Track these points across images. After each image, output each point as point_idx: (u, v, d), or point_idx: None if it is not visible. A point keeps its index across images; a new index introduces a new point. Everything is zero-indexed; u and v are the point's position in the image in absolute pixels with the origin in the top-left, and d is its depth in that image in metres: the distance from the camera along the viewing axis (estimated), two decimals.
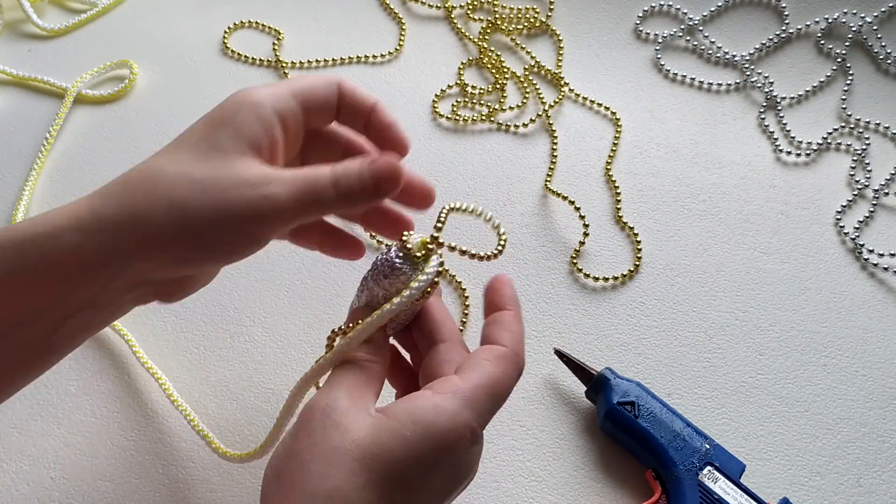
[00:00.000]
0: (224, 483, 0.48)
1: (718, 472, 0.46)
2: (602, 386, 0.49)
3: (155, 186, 0.35)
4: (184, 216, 0.34)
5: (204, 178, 0.35)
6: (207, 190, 0.34)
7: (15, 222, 0.58)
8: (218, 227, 0.35)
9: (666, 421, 0.48)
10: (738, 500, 0.45)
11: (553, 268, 0.57)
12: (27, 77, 0.66)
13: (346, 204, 0.36)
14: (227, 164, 0.35)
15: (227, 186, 0.34)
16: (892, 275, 0.57)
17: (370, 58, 0.69)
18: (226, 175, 0.35)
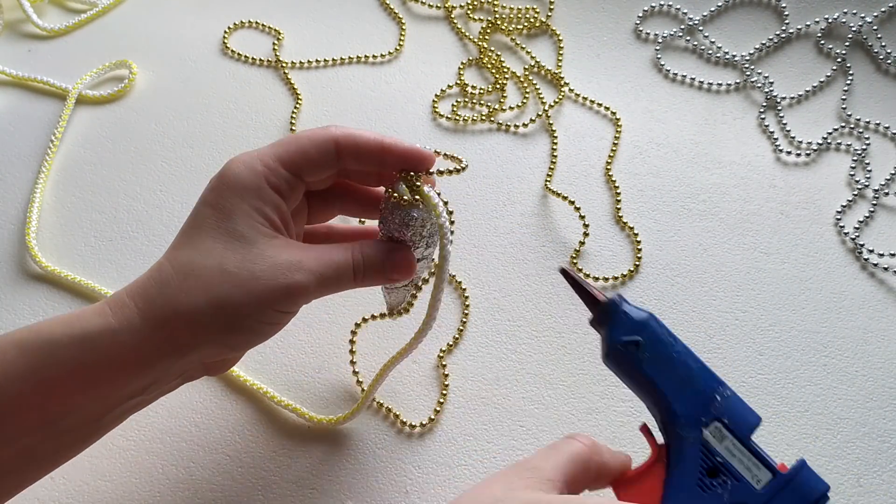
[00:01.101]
0: (224, 483, 0.48)
1: (726, 430, 0.39)
2: (608, 317, 0.41)
3: (193, 284, 0.37)
4: (226, 312, 0.37)
5: (238, 270, 0.37)
6: (244, 283, 0.37)
7: (30, 225, 0.58)
8: (257, 315, 0.38)
9: (675, 365, 0.41)
10: (744, 462, 0.39)
11: (553, 268, 0.57)
12: (27, 77, 0.66)
13: (360, 285, 0.41)
14: (255, 251, 0.38)
15: (260, 276, 0.37)
16: (892, 275, 0.57)
17: (370, 58, 0.69)
18: (256, 264, 0.38)
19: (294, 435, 0.50)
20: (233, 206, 0.38)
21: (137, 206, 0.60)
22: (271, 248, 0.38)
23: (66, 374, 0.37)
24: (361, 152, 0.40)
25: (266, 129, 0.64)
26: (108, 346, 0.37)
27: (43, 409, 0.37)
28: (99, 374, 0.37)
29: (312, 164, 0.40)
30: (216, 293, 0.37)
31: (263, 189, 0.39)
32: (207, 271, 0.37)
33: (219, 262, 0.37)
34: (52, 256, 0.57)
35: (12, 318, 0.54)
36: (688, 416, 0.40)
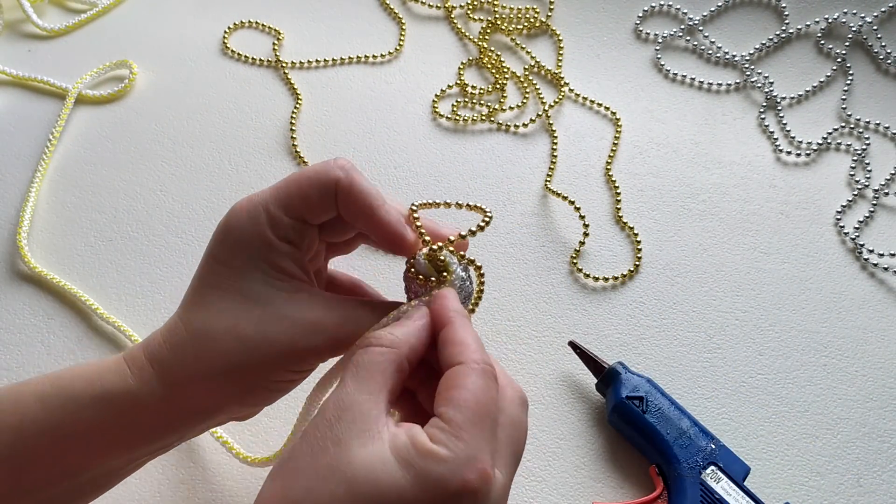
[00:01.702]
0: (224, 483, 0.48)
1: (721, 473, 0.46)
2: (612, 379, 0.50)
3: (208, 350, 0.36)
4: (242, 376, 0.36)
5: (253, 334, 0.36)
6: (259, 347, 0.36)
7: (22, 226, 0.58)
8: (275, 377, 0.37)
9: (673, 418, 0.48)
10: (740, 501, 0.46)
11: (553, 268, 0.57)
12: (27, 77, 0.66)
13: None
14: (270, 310, 0.36)
15: (275, 341, 0.36)
16: (892, 275, 0.57)
17: (370, 58, 0.69)
18: (272, 326, 0.36)
19: None
20: (243, 265, 0.37)
21: (137, 206, 0.60)
22: (289, 305, 0.36)
23: (87, 431, 0.36)
24: (351, 209, 0.37)
25: (266, 129, 0.64)
26: (129, 409, 0.36)
27: (64, 462, 0.36)
28: (120, 434, 0.37)
29: (314, 209, 0.37)
30: (231, 360, 0.36)
31: (271, 241, 0.37)
32: (221, 336, 0.36)
33: (233, 326, 0.36)
34: (50, 257, 0.57)
35: (7, 319, 0.54)
36: (686, 460, 0.47)
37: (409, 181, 0.61)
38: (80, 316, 0.55)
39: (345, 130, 0.64)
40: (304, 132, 0.64)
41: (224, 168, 0.62)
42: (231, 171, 0.62)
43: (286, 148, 0.63)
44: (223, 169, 0.62)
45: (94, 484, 0.39)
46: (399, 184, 0.61)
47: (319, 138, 0.64)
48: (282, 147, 0.63)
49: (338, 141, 0.63)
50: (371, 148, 0.63)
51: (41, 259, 0.57)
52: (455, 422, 0.32)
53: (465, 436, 0.32)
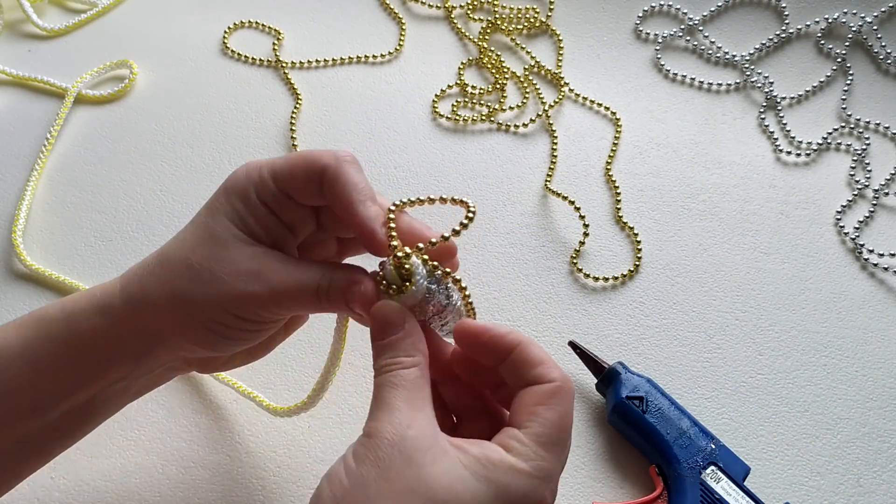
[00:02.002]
0: (225, 483, 0.48)
1: (721, 473, 0.46)
2: (612, 379, 0.50)
3: (160, 273, 0.38)
4: (183, 304, 0.38)
5: (201, 267, 0.38)
6: (204, 280, 0.37)
7: (17, 224, 0.58)
8: (213, 315, 0.38)
9: (673, 418, 0.48)
10: (740, 501, 0.46)
11: (553, 268, 0.57)
12: (27, 77, 0.66)
13: (325, 310, 0.39)
14: (224, 252, 0.38)
15: (219, 276, 0.37)
16: (892, 275, 0.57)
17: (370, 58, 0.69)
18: (219, 264, 0.37)
19: (295, 435, 0.50)
20: (219, 206, 0.39)
21: (137, 206, 0.60)
22: (241, 252, 0.38)
23: (55, 349, 0.38)
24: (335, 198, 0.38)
25: (266, 129, 0.64)
26: (89, 325, 0.38)
27: (35, 389, 0.38)
28: (82, 352, 0.38)
29: (297, 183, 0.38)
30: (177, 285, 0.38)
31: (249, 197, 0.38)
32: (176, 262, 0.38)
33: (186, 256, 0.38)
34: (49, 256, 0.57)
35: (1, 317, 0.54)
36: (686, 460, 0.47)
37: (409, 181, 0.61)
38: None
39: (345, 130, 0.64)
40: (304, 132, 0.64)
41: (224, 168, 0.62)
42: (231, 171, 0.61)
43: (286, 148, 0.63)
44: (223, 169, 0.62)
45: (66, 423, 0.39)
46: (399, 184, 0.61)
47: (319, 138, 0.64)
48: (282, 147, 0.63)
49: (338, 141, 0.63)
50: (371, 148, 0.63)
51: (40, 258, 0.57)
52: (541, 439, 0.34)
53: (549, 455, 0.33)
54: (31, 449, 0.40)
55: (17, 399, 0.38)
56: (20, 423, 0.38)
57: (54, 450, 0.41)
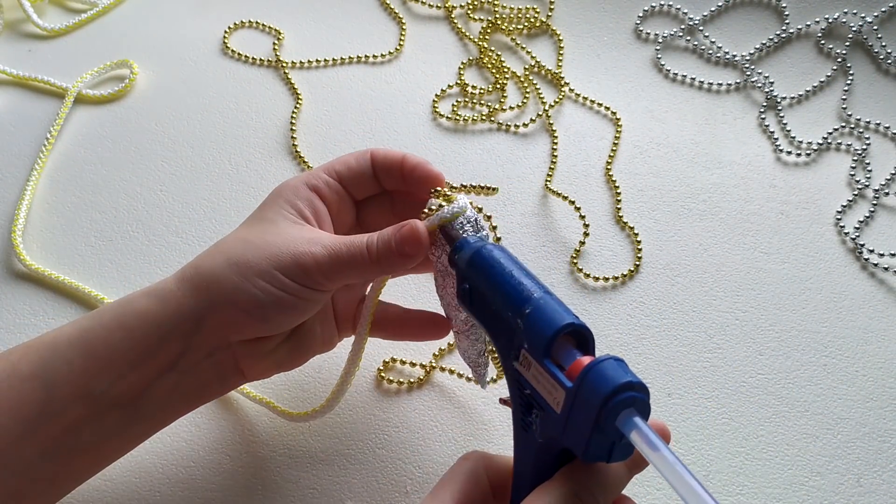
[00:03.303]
0: (225, 483, 0.48)
1: (529, 355, 0.34)
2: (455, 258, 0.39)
3: (217, 250, 0.42)
4: (239, 267, 0.40)
5: (255, 238, 0.41)
6: (258, 245, 0.40)
7: (17, 224, 0.58)
8: (269, 276, 0.40)
9: (489, 301, 0.36)
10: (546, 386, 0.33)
11: (553, 268, 0.57)
12: (27, 77, 0.66)
13: (379, 266, 0.41)
14: (276, 228, 0.42)
15: (274, 242, 0.40)
16: (892, 275, 0.57)
17: (370, 58, 0.69)
18: (274, 234, 0.41)
19: (294, 435, 0.50)
20: (270, 202, 0.43)
21: (137, 206, 0.60)
22: (292, 228, 0.42)
23: (106, 334, 0.40)
24: (388, 162, 0.44)
25: (266, 129, 0.64)
26: (142, 306, 0.40)
27: (86, 373, 0.39)
28: (132, 331, 0.40)
29: (351, 170, 0.44)
30: (232, 253, 0.40)
31: (300, 188, 0.43)
32: (230, 241, 0.42)
33: (241, 235, 0.42)
34: (49, 256, 0.57)
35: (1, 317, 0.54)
36: (506, 352, 0.35)
37: None
38: (84, 309, 0.55)
39: (345, 130, 0.64)
40: (304, 132, 0.64)
41: (224, 168, 0.62)
42: (231, 171, 0.62)
43: (286, 148, 0.63)
44: (223, 169, 0.62)
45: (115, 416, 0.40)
46: None
47: (319, 138, 0.64)
48: (282, 147, 0.63)
49: (338, 141, 0.63)
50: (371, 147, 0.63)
51: (40, 258, 0.57)
52: None
53: None
54: (83, 443, 0.40)
55: (68, 384, 0.39)
56: (71, 410, 0.39)
57: (106, 450, 0.41)
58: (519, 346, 0.34)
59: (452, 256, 0.40)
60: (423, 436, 0.50)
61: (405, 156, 0.44)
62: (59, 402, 0.39)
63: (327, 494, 0.48)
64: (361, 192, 0.46)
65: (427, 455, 0.49)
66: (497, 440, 0.50)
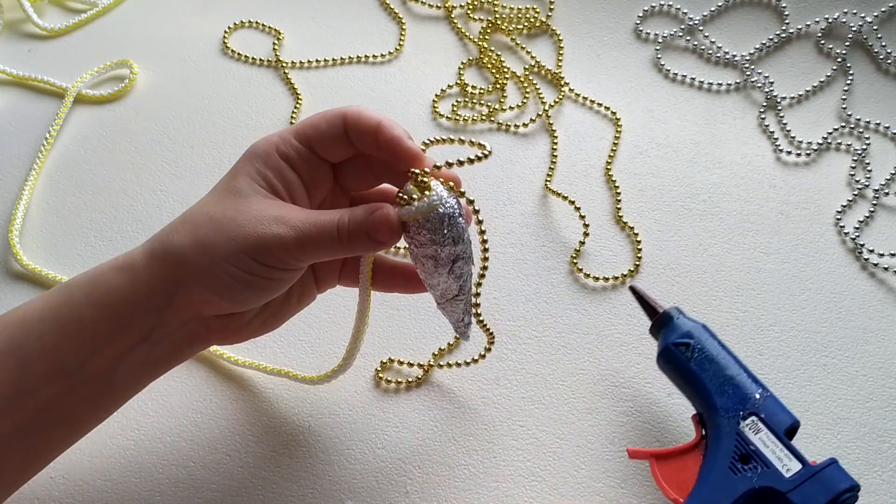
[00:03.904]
0: (225, 483, 0.48)
1: (762, 423, 0.44)
2: (664, 324, 0.49)
3: (184, 227, 0.40)
4: (206, 250, 0.39)
5: (222, 216, 0.40)
6: (225, 226, 0.39)
7: (14, 224, 0.58)
8: (234, 260, 0.39)
9: (720, 366, 0.46)
10: (777, 453, 0.43)
11: (553, 268, 0.57)
12: (27, 77, 0.66)
13: (350, 248, 0.40)
14: (245, 203, 0.40)
15: (241, 222, 0.39)
16: (892, 275, 0.57)
17: (370, 58, 0.69)
18: (241, 213, 0.40)
19: (294, 435, 0.50)
20: (240, 168, 0.41)
21: (137, 206, 0.60)
22: (261, 203, 0.40)
23: (77, 311, 0.39)
24: (361, 127, 0.42)
25: (266, 128, 0.64)
26: (112, 282, 0.40)
27: (59, 350, 0.39)
28: (104, 308, 0.39)
29: (322, 135, 0.42)
30: (200, 233, 0.39)
31: (271, 155, 0.41)
32: (198, 216, 0.40)
33: (209, 210, 0.40)
34: (49, 256, 0.57)
35: None
36: (726, 409, 0.45)
37: None
38: None
39: None
40: None
41: (224, 168, 0.61)
42: None
43: None
44: (223, 169, 0.61)
45: (87, 391, 0.40)
46: None
47: None
48: None
49: None
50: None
51: (40, 258, 0.57)
52: None
53: None
54: (58, 416, 0.40)
55: (42, 361, 0.39)
56: (46, 387, 0.39)
57: (81, 422, 0.41)
58: (751, 413, 0.44)
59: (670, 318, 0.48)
60: (422, 436, 0.50)
61: (380, 123, 0.41)
62: (32, 378, 0.39)
63: (327, 494, 0.48)
64: (336, 155, 0.43)
65: (427, 455, 0.49)
66: (497, 440, 0.50)
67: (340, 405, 0.51)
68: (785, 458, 0.43)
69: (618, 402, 0.52)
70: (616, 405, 0.51)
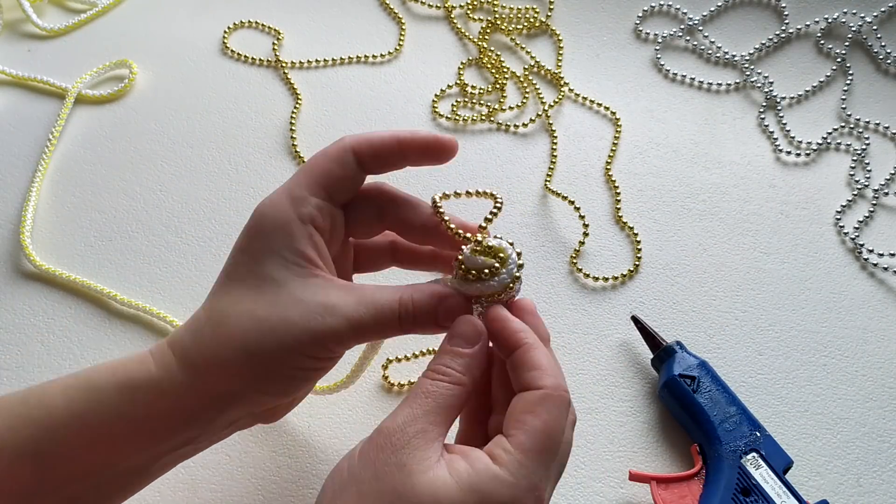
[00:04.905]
0: (224, 483, 0.48)
1: (762, 461, 0.46)
2: (667, 356, 0.51)
3: (226, 333, 0.36)
4: (257, 360, 0.35)
5: (269, 315, 0.36)
6: (275, 329, 0.35)
7: (24, 225, 0.58)
8: (291, 363, 0.36)
9: (722, 401, 0.49)
10: (776, 490, 0.46)
11: (553, 268, 0.57)
12: (27, 77, 0.66)
13: (409, 331, 0.38)
14: (285, 293, 0.36)
15: (290, 320, 0.35)
16: (892, 275, 0.57)
17: (370, 58, 0.69)
18: (287, 308, 0.36)
19: (294, 435, 0.50)
20: (262, 248, 0.37)
21: (137, 206, 0.60)
22: (304, 289, 0.36)
23: (110, 422, 0.36)
24: (379, 152, 0.39)
25: (266, 129, 0.64)
26: (149, 396, 0.36)
27: (88, 457, 0.36)
28: (141, 424, 0.36)
29: (337, 180, 0.38)
30: (246, 341, 0.36)
31: (293, 223, 0.37)
32: (238, 318, 0.36)
33: (249, 309, 0.36)
34: (50, 256, 0.57)
35: (10, 318, 0.54)
36: (729, 443, 0.47)
37: (409, 181, 0.61)
38: (94, 308, 0.55)
39: (345, 130, 0.64)
40: (304, 132, 0.64)
41: (224, 168, 0.62)
42: (231, 171, 0.62)
43: (286, 148, 0.63)
44: (223, 169, 0.62)
45: (118, 484, 0.38)
46: (399, 184, 0.60)
47: (319, 138, 0.64)
48: (282, 147, 0.63)
49: None
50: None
51: (42, 258, 0.57)
52: (524, 448, 0.33)
53: (531, 463, 0.33)
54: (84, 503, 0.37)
55: (67, 465, 0.36)
56: (71, 485, 0.36)
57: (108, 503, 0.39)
58: (750, 449, 0.47)
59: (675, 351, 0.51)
60: None
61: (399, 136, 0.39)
62: (56, 480, 0.36)
63: None
64: (345, 198, 0.40)
65: None
66: None
67: (341, 405, 0.51)
68: (784, 496, 0.45)
69: (617, 402, 0.52)
70: (616, 405, 0.51)
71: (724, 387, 0.49)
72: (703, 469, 0.47)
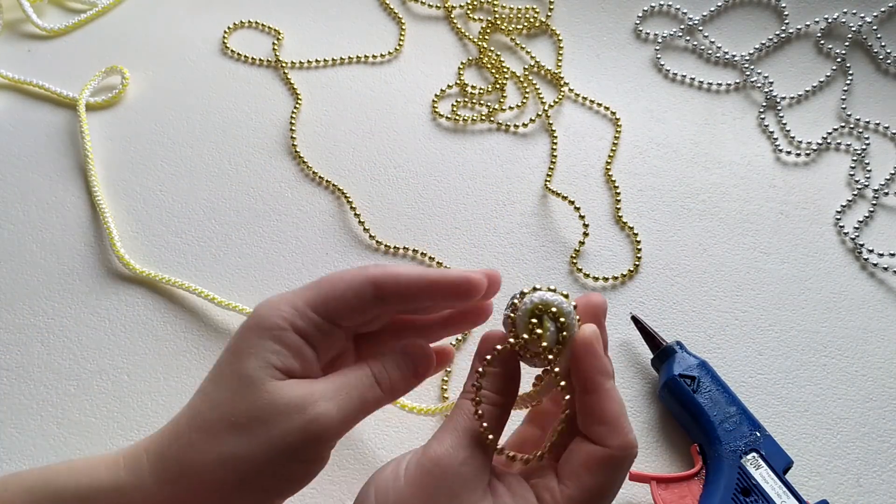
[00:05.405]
0: None
1: (762, 461, 0.47)
2: (667, 356, 0.51)
3: (201, 439, 0.34)
4: (238, 468, 0.34)
5: (247, 419, 0.34)
6: (253, 432, 0.34)
7: (112, 236, 0.58)
8: (273, 470, 0.34)
9: (722, 402, 0.49)
10: (776, 490, 0.46)
11: (553, 268, 0.57)
12: (27, 81, 0.66)
13: (394, 397, 0.37)
14: (265, 394, 0.34)
15: (271, 421, 0.34)
16: (892, 275, 0.57)
17: (370, 58, 0.69)
18: (266, 408, 0.34)
19: None
20: (248, 348, 0.35)
21: (137, 206, 0.60)
22: (280, 392, 0.34)
23: None
24: (405, 292, 0.37)
25: (266, 129, 0.64)
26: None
27: None
28: None
29: (348, 308, 0.36)
30: (225, 450, 0.34)
31: (284, 333, 0.35)
32: (215, 424, 0.34)
33: (227, 413, 0.34)
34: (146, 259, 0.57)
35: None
36: (729, 442, 0.47)
37: (409, 181, 0.61)
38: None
39: (345, 130, 0.64)
40: (303, 132, 0.64)
41: (224, 168, 0.62)
42: (231, 171, 0.62)
43: (286, 148, 0.63)
44: (223, 169, 0.62)
45: None
46: (399, 184, 0.61)
47: (319, 138, 0.64)
48: (282, 147, 0.63)
49: (338, 141, 0.63)
50: (371, 148, 0.63)
51: (139, 264, 0.57)
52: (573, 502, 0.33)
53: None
54: None
55: None
56: None
57: None
58: (750, 449, 0.47)
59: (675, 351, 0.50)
60: (422, 436, 0.50)
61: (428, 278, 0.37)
62: None
63: (327, 494, 0.48)
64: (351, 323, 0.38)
65: None
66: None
67: None
68: (784, 496, 0.45)
69: None
70: None
71: (724, 387, 0.49)
72: (703, 469, 0.47)
